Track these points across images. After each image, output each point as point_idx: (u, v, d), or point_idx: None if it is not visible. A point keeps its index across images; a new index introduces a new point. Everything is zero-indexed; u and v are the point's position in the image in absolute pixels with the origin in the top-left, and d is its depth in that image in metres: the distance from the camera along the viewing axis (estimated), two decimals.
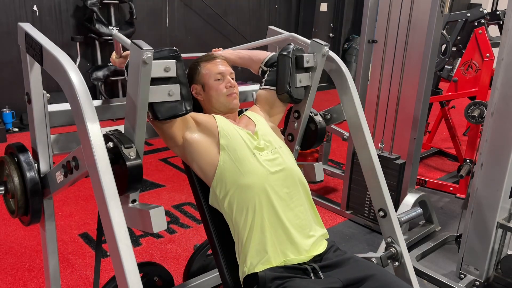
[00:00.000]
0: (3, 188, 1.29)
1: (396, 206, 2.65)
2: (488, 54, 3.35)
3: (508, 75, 2.00)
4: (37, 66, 1.23)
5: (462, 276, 2.26)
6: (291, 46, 1.54)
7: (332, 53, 1.60)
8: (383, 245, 1.58)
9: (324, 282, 1.23)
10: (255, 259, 1.26)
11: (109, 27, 4.99)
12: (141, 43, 1.08)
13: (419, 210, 1.74)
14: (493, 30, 3.88)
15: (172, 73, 1.19)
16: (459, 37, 3.76)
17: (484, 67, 3.37)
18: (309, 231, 1.34)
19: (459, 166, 3.49)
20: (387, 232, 1.54)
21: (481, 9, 3.51)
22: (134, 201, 1.23)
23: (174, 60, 1.19)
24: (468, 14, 3.56)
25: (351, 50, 7.47)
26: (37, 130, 1.26)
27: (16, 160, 1.25)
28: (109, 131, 1.15)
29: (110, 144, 1.10)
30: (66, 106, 1.33)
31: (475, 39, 3.40)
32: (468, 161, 3.37)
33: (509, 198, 2.14)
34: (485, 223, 2.15)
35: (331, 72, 1.62)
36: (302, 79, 1.55)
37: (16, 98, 4.62)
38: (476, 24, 3.47)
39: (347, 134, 3.14)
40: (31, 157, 1.25)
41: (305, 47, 1.60)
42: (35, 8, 4.69)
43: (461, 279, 2.26)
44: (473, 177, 2.19)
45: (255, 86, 1.71)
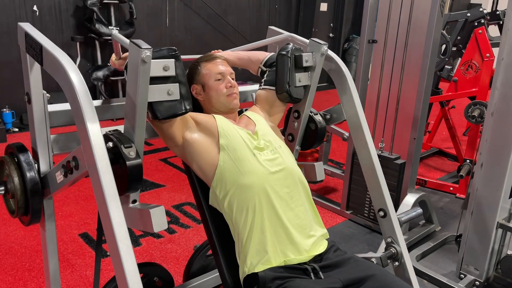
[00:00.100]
0: (3, 188, 1.29)
1: (396, 206, 2.65)
2: (488, 54, 3.35)
3: (508, 75, 2.00)
4: (37, 66, 1.23)
5: (462, 276, 2.26)
6: (290, 46, 1.54)
7: (332, 53, 1.60)
8: (383, 245, 1.58)
9: (324, 282, 1.23)
10: (255, 259, 1.26)
11: (109, 27, 4.99)
12: (140, 42, 1.08)
13: (419, 210, 1.74)
14: (493, 30, 3.88)
15: (171, 72, 1.19)
16: (459, 37, 3.76)
17: (484, 67, 3.37)
18: (310, 231, 1.34)
19: (459, 166, 3.49)
20: (387, 232, 1.54)
21: (481, 9, 3.51)
22: (135, 201, 1.23)
23: (173, 59, 1.19)
24: (468, 14, 3.56)
25: (351, 50, 7.47)
26: (37, 130, 1.26)
27: (16, 160, 1.25)
28: (109, 131, 1.15)
29: (110, 144, 1.10)
30: (66, 106, 1.33)
31: (475, 39, 3.40)
32: (468, 161, 3.37)
33: (509, 198, 2.14)
34: (485, 223, 2.15)
35: (331, 72, 1.62)
36: (302, 79, 1.55)
37: (16, 98, 4.62)
38: (476, 24, 3.47)
39: (347, 134, 3.14)
40: (31, 157, 1.25)
41: (304, 47, 1.60)
42: (35, 8, 4.69)
43: (461, 279, 2.26)
44: (473, 177, 2.19)
45: (255, 86, 1.71)
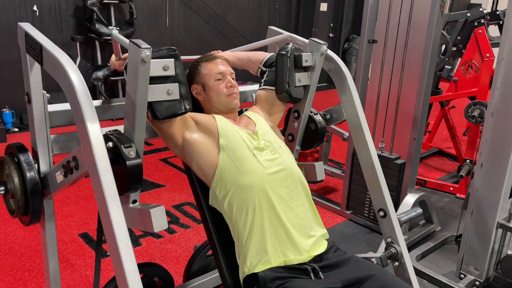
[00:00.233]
0: (3, 188, 1.29)
1: (396, 206, 2.65)
2: (488, 54, 3.35)
3: (508, 75, 2.00)
4: (37, 66, 1.23)
5: (462, 276, 2.26)
6: (290, 46, 1.54)
7: (332, 53, 1.60)
8: (383, 245, 1.58)
9: (324, 282, 1.23)
10: (255, 259, 1.26)
11: (109, 27, 4.99)
12: (140, 42, 1.08)
13: (419, 210, 1.74)
14: (493, 30, 3.88)
15: (171, 72, 1.19)
16: (459, 37, 3.76)
17: (484, 67, 3.37)
18: (309, 231, 1.34)
19: (459, 166, 3.49)
20: (387, 232, 1.54)
21: (481, 9, 3.51)
22: (135, 202, 1.23)
23: (173, 59, 1.19)
24: (468, 14, 3.56)
25: (351, 50, 7.47)
26: (37, 130, 1.26)
27: (16, 160, 1.25)
28: (109, 131, 1.15)
29: (110, 144, 1.10)
30: (66, 106, 1.33)
31: (475, 39, 3.40)
32: (468, 161, 3.36)
33: (509, 198, 2.14)
34: (485, 223, 2.15)
35: (331, 72, 1.62)
36: (301, 78, 1.55)
37: (16, 98, 4.61)
38: (476, 24, 3.47)
39: (347, 134, 3.13)
40: (31, 157, 1.25)
41: (304, 47, 1.60)
42: (35, 8, 4.69)
43: (461, 279, 2.26)
44: (473, 177, 2.19)
45: (255, 86, 1.71)
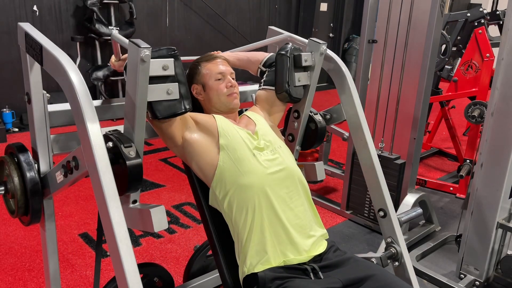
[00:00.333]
0: (3, 188, 1.29)
1: (396, 206, 2.65)
2: (488, 54, 3.34)
3: (508, 75, 2.00)
4: (37, 66, 1.23)
5: (462, 276, 2.26)
6: (289, 46, 1.54)
7: (332, 53, 1.60)
8: (383, 245, 1.58)
9: (324, 282, 1.24)
10: (255, 259, 1.26)
11: (109, 27, 4.99)
12: (139, 42, 1.08)
13: (419, 210, 1.74)
14: (493, 30, 3.88)
15: (171, 72, 1.19)
16: (459, 37, 3.76)
17: (484, 67, 3.37)
18: (309, 231, 1.34)
19: (459, 166, 3.49)
20: (387, 232, 1.54)
21: (481, 9, 3.51)
22: (135, 202, 1.23)
23: (172, 59, 1.19)
24: (468, 14, 3.56)
25: (351, 50, 7.46)
26: (37, 130, 1.26)
27: (16, 160, 1.25)
28: (109, 131, 1.15)
29: (110, 144, 1.10)
30: (66, 106, 1.33)
31: (475, 39, 3.40)
32: (468, 161, 3.36)
33: (509, 198, 2.14)
34: (485, 223, 2.15)
35: (331, 72, 1.62)
36: (301, 78, 1.55)
37: (16, 98, 4.61)
38: (476, 24, 3.47)
39: (347, 134, 3.13)
40: (31, 157, 1.25)
41: (303, 47, 1.60)
42: (35, 8, 4.69)
43: (461, 279, 2.26)
44: (473, 177, 2.19)
45: (255, 86, 1.71)
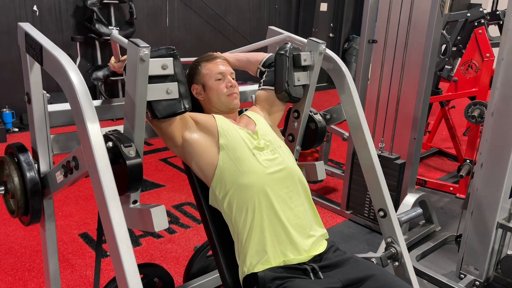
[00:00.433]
0: (3, 188, 1.29)
1: (396, 206, 2.65)
2: (488, 54, 3.34)
3: (508, 75, 2.00)
4: (37, 66, 1.23)
5: (462, 276, 2.26)
6: (288, 45, 1.54)
7: (331, 53, 1.60)
8: (383, 245, 1.58)
9: (324, 282, 1.24)
10: (255, 259, 1.27)
11: (109, 27, 4.99)
12: (138, 41, 1.09)
13: (419, 210, 1.74)
14: (493, 30, 3.88)
15: (170, 71, 1.19)
16: (459, 37, 3.76)
17: (484, 67, 3.37)
18: (309, 231, 1.34)
19: (459, 166, 3.49)
20: (387, 232, 1.54)
21: (481, 9, 3.51)
22: (135, 202, 1.23)
23: (171, 58, 1.19)
24: (468, 14, 3.56)
25: (351, 50, 7.47)
26: (37, 130, 1.26)
27: (16, 160, 1.25)
28: (109, 131, 1.15)
29: (110, 144, 1.11)
30: (66, 106, 1.33)
31: (475, 39, 3.40)
32: (468, 161, 3.36)
33: (509, 198, 2.14)
34: (485, 223, 2.15)
35: (331, 72, 1.62)
36: (300, 78, 1.55)
37: (16, 98, 4.61)
38: (476, 24, 3.47)
39: (347, 134, 3.13)
40: (31, 157, 1.25)
41: (303, 47, 1.60)
42: (35, 8, 4.69)
43: (461, 279, 2.26)
44: (473, 177, 2.19)
45: (255, 86, 1.71)
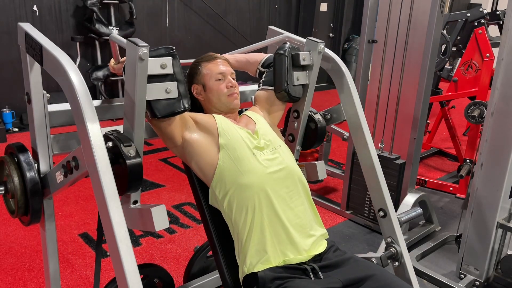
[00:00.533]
0: (3, 188, 1.29)
1: (396, 206, 2.65)
2: (488, 54, 3.35)
3: (508, 75, 2.00)
4: (37, 66, 1.23)
5: (462, 276, 2.26)
6: (287, 45, 1.54)
7: (331, 52, 1.60)
8: (383, 245, 1.58)
9: (324, 282, 1.24)
10: (255, 259, 1.27)
11: (109, 27, 4.99)
12: (137, 40, 1.09)
13: (419, 210, 1.74)
14: (493, 30, 3.88)
15: (169, 70, 1.19)
16: (459, 37, 3.76)
17: (484, 67, 3.37)
18: (309, 231, 1.34)
19: (459, 166, 3.49)
20: (387, 232, 1.54)
21: (481, 9, 3.51)
22: (136, 202, 1.23)
23: (170, 58, 1.19)
24: (468, 14, 3.56)
25: (351, 50, 7.47)
26: (37, 130, 1.26)
27: (16, 160, 1.25)
28: (109, 131, 1.15)
29: (110, 144, 1.10)
30: (66, 106, 1.33)
31: (475, 39, 3.40)
32: (468, 161, 3.36)
33: (509, 198, 2.14)
34: (485, 223, 2.15)
35: (330, 72, 1.62)
36: (300, 77, 1.55)
37: (16, 98, 4.61)
38: (476, 24, 3.47)
39: (347, 134, 3.13)
40: (31, 157, 1.25)
41: (302, 46, 1.60)
42: (35, 8, 4.69)
43: (461, 279, 2.26)
44: (473, 177, 2.19)
45: (255, 86, 1.71)
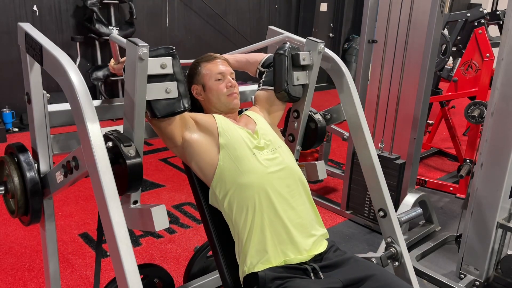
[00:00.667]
0: (3, 188, 1.29)
1: (396, 206, 2.65)
2: (488, 54, 3.34)
3: (508, 75, 2.00)
4: (37, 66, 1.23)
5: (462, 276, 2.26)
6: (287, 45, 1.54)
7: (331, 52, 1.60)
8: (383, 245, 1.58)
9: (324, 282, 1.24)
10: (255, 259, 1.27)
11: (109, 27, 4.99)
12: (137, 40, 1.09)
13: (419, 210, 1.74)
14: (493, 30, 3.88)
15: (169, 70, 1.19)
16: (459, 37, 3.76)
17: (484, 67, 3.37)
18: (310, 230, 1.34)
19: (459, 166, 3.49)
20: (387, 232, 1.54)
21: (481, 9, 3.51)
22: (136, 202, 1.23)
23: (170, 57, 1.19)
24: (468, 14, 3.56)
25: (351, 50, 7.46)
26: (37, 130, 1.26)
27: (16, 160, 1.25)
28: (108, 131, 1.15)
29: (110, 144, 1.10)
30: (66, 106, 1.33)
31: (475, 39, 3.40)
32: (468, 161, 3.36)
33: (509, 198, 2.14)
34: (485, 223, 2.15)
35: (330, 72, 1.62)
36: (300, 77, 1.55)
37: (16, 98, 4.61)
38: (476, 24, 3.47)
39: (347, 134, 3.14)
40: (31, 157, 1.25)
41: (301, 46, 1.60)
42: (35, 8, 4.69)
43: (461, 279, 2.26)
44: (473, 177, 2.19)
45: (255, 86, 1.71)
